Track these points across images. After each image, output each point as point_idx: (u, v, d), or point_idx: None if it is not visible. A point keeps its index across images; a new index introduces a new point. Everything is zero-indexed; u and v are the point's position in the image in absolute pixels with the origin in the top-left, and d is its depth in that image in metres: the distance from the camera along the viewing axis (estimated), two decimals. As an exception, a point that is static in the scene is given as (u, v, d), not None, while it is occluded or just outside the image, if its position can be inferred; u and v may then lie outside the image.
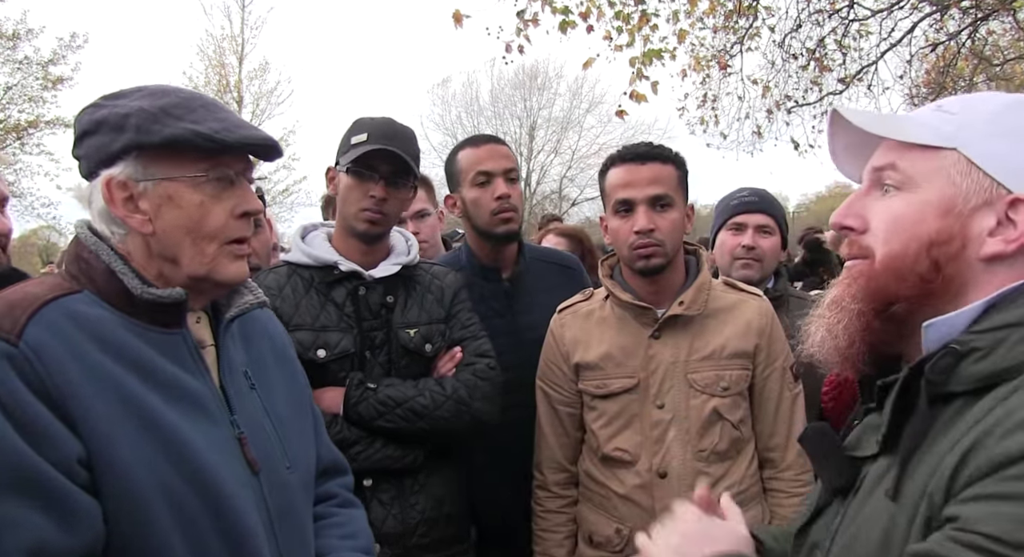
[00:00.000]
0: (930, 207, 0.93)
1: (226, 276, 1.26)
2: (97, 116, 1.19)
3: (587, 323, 2.09)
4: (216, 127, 1.20)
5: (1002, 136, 0.92)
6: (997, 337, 0.85)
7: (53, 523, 1.02)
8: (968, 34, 8.32)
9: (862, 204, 1.01)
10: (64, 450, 1.06)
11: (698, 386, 1.96)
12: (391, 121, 2.11)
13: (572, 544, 2.12)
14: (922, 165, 0.94)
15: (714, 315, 2.00)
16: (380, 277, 2.07)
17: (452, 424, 2.00)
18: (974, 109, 0.96)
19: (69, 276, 1.21)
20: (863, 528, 0.92)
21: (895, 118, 1.03)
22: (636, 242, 1.94)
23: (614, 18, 7.00)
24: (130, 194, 1.19)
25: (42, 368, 1.06)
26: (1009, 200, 0.90)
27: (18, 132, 18.23)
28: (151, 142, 1.16)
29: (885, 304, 0.96)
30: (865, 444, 1.00)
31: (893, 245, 0.95)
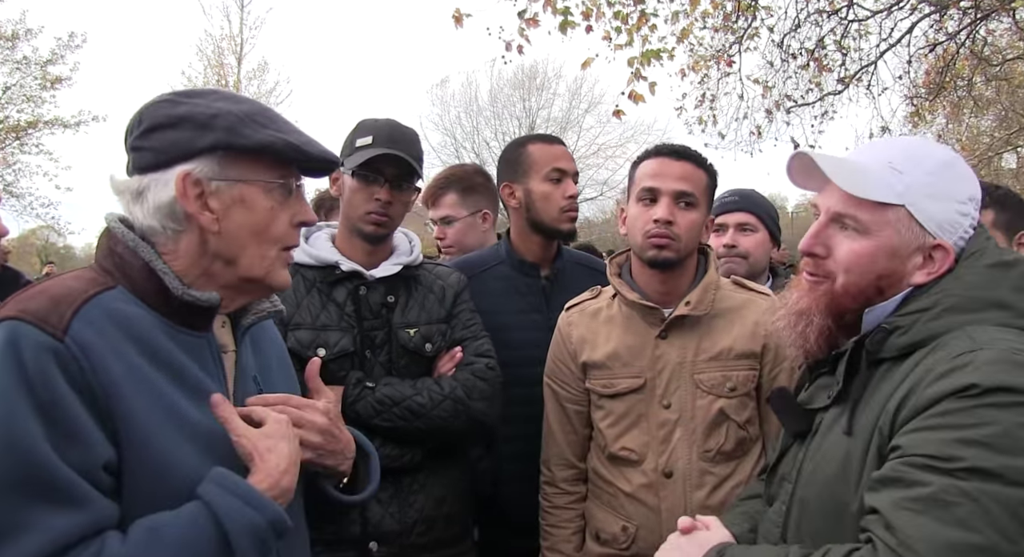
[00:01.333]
0: (881, 250, 1.27)
1: (278, 281, 1.30)
2: (178, 112, 1.20)
3: (594, 322, 2.10)
4: (302, 139, 1.26)
5: (935, 198, 1.26)
6: (913, 318, 1.23)
7: (70, 521, 1.03)
8: (967, 34, 8.32)
9: (825, 235, 1.33)
10: (91, 454, 1.06)
11: (704, 387, 1.96)
12: (395, 123, 2.12)
13: (580, 540, 2.12)
14: (877, 217, 1.27)
15: (722, 315, 2.00)
16: (381, 277, 2.07)
17: (449, 423, 2.00)
18: (917, 169, 1.27)
19: (102, 270, 1.21)
20: (824, 458, 1.27)
21: (855, 171, 1.30)
22: (653, 231, 1.94)
23: (613, 18, 6.99)
24: (201, 191, 1.20)
25: (87, 365, 1.06)
26: (933, 244, 1.26)
27: (17, 132, 18.23)
28: (241, 144, 1.19)
29: (841, 316, 1.34)
30: (817, 399, 1.37)
31: (852, 277, 1.30)
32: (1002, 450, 1.02)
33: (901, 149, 1.32)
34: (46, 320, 1.07)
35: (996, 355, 1.10)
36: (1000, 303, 1.21)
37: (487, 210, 2.98)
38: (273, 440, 1.20)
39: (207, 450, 1.16)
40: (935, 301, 1.23)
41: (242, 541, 1.10)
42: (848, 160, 1.36)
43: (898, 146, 1.35)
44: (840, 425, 1.25)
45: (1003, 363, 1.09)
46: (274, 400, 1.31)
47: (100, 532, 1.06)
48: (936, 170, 1.27)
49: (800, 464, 1.33)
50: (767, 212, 2.82)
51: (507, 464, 2.37)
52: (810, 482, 1.29)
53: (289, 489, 1.19)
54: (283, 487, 1.18)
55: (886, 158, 1.29)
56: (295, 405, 1.33)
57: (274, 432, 1.21)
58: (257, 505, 1.12)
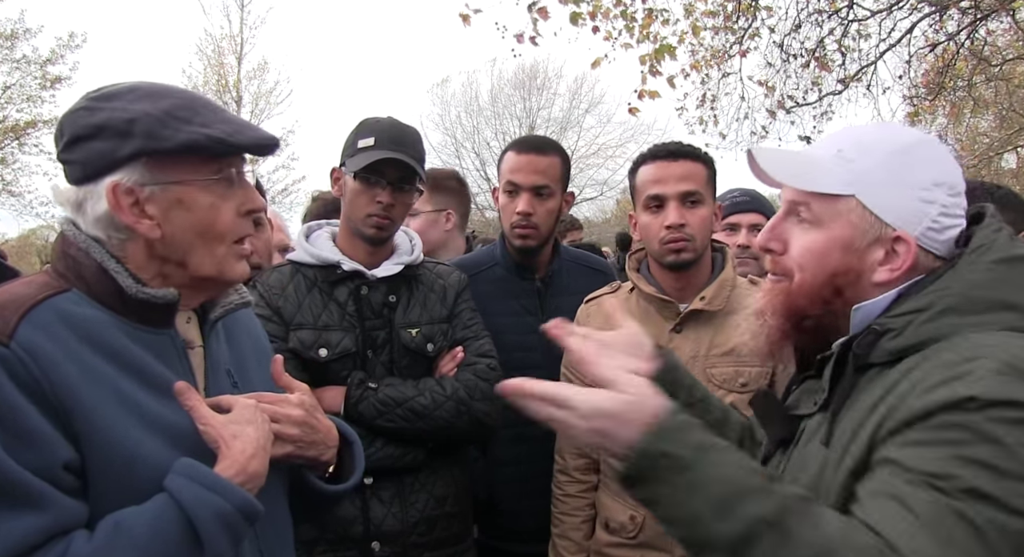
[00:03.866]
0: (834, 244, 1.16)
1: (233, 275, 1.27)
2: (95, 120, 1.16)
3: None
4: (227, 130, 1.19)
5: (890, 184, 1.14)
6: (906, 320, 1.09)
7: (29, 522, 1.01)
8: (967, 34, 8.33)
9: (782, 228, 1.24)
10: (48, 455, 1.04)
11: (716, 381, 1.98)
12: (396, 123, 2.11)
13: (590, 529, 2.15)
14: (828, 209, 1.17)
15: (737, 312, 2.02)
16: (382, 277, 2.07)
17: (452, 424, 2.00)
18: (868, 156, 1.16)
19: (56, 274, 1.19)
20: (802, 470, 1.16)
21: (801, 163, 1.22)
22: (667, 236, 1.97)
23: (619, 17, 6.98)
24: (136, 199, 1.17)
25: (36, 368, 1.04)
26: (893, 236, 1.14)
27: (16, 132, 18.22)
28: (164, 148, 1.15)
29: (798, 319, 1.21)
30: (803, 404, 1.25)
31: (807, 274, 1.19)
32: (1003, 473, 0.92)
33: (856, 136, 1.22)
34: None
35: (999, 364, 0.97)
36: (1008, 304, 1.07)
37: (451, 210, 2.99)
38: (239, 425, 1.18)
39: (175, 444, 1.15)
40: (931, 301, 1.09)
41: (209, 529, 1.08)
42: (798, 152, 1.29)
43: (854, 134, 1.24)
44: (820, 434, 1.14)
45: (1007, 374, 0.96)
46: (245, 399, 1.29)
47: (67, 532, 1.05)
48: (891, 155, 1.16)
49: (781, 475, 1.21)
50: (772, 212, 2.82)
51: (502, 467, 2.37)
52: None
53: (257, 474, 1.17)
54: (250, 472, 1.15)
55: (837, 146, 1.20)
56: (268, 401, 1.30)
57: (239, 417, 1.19)
58: (222, 491, 1.10)
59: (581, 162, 25.63)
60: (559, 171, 2.40)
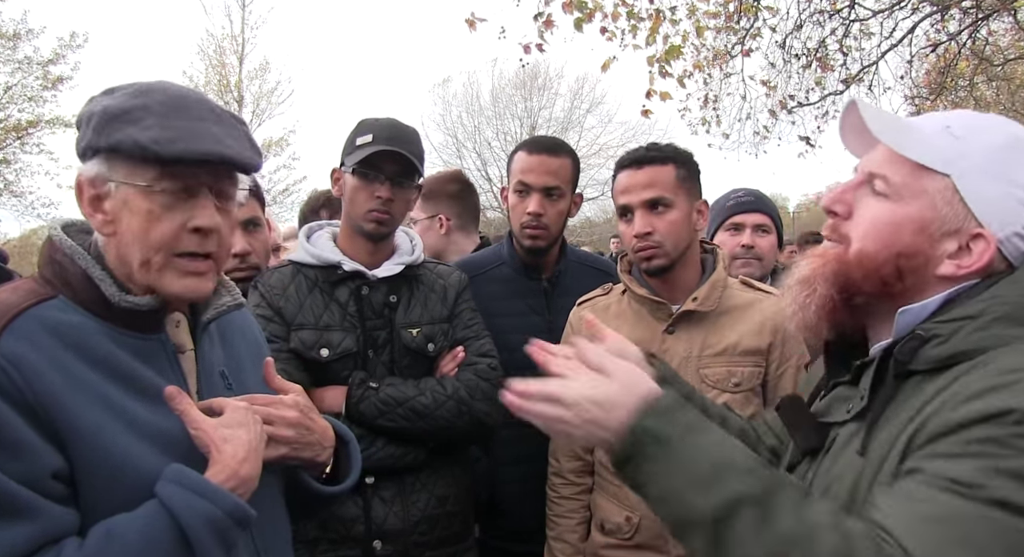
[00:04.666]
0: (909, 222, 1.06)
1: (172, 290, 1.19)
2: (83, 111, 1.19)
3: (604, 316, 2.12)
4: (156, 136, 1.11)
5: (992, 176, 1.03)
6: (954, 327, 1.01)
7: (18, 533, 1.01)
8: (969, 34, 8.32)
9: (852, 195, 1.13)
10: (36, 464, 1.04)
11: (709, 381, 1.99)
12: (396, 122, 2.12)
13: (585, 530, 2.16)
14: (913, 182, 1.06)
15: (729, 312, 2.04)
16: (383, 277, 2.08)
17: (452, 424, 2.01)
18: (978, 138, 1.05)
19: (43, 280, 1.18)
20: (836, 481, 1.06)
21: (904, 127, 1.11)
22: (636, 245, 2.01)
23: (627, 17, 6.98)
24: (98, 193, 1.16)
25: (21, 379, 1.03)
26: (974, 233, 1.04)
27: (18, 132, 18.24)
28: (99, 145, 1.14)
29: (849, 294, 1.11)
30: (834, 411, 1.15)
31: (868, 244, 1.08)
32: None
33: (968, 118, 1.10)
34: None
35: None
36: None
37: (443, 216, 3.00)
38: (230, 429, 1.17)
39: (165, 450, 1.14)
40: (984, 308, 1.00)
41: (200, 534, 1.07)
42: (900, 117, 1.17)
43: (966, 114, 1.12)
44: (855, 444, 1.06)
45: None
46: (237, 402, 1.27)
47: (58, 540, 1.04)
48: (1003, 144, 1.05)
49: (809, 485, 1.14)
50: (776, 214, 2.83)
51: (504, 467, 2.38)
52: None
53: (249, 478, 1.15)
54: (242, 476, 1.14)
55: (946, 123, 1.08)
56: (261, 402, 1.28)
57: (231, 420, 1.18)
58: (212, 497, 1.09)
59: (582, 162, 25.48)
60: (570, 172, 2.42)
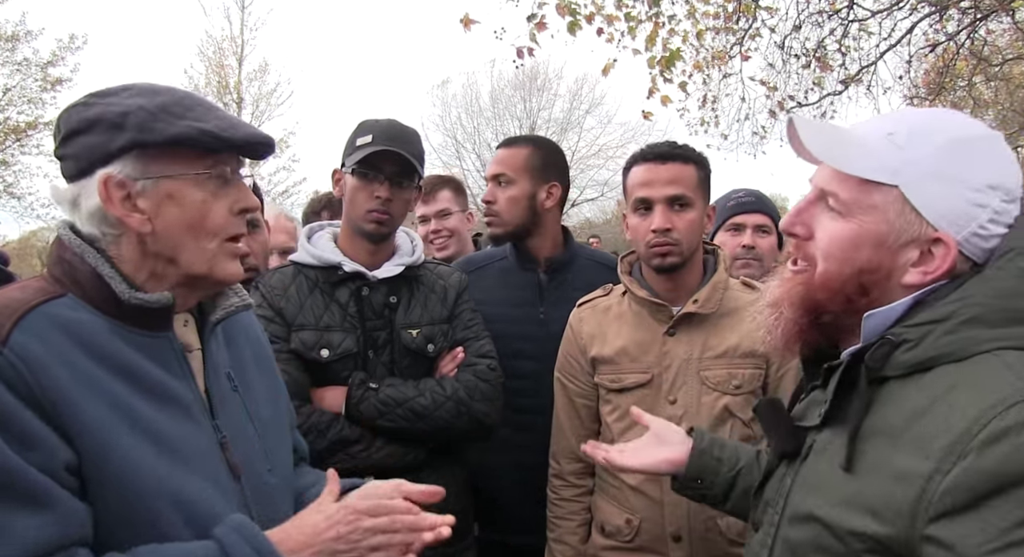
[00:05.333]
0: (865, 238, 1.05)
1: (225, 274, 1.25)
2: (89, 115, 1.16)
3: (605, 318, 2.13)
4: (220, 125, 1.19)
5: (940, 179, 1.02)
6: (924, 331, 1.00)
7: (40, 522, 1.01)
8: (967, 34, 8.33)
9: (809, 214, 1.13)
10: (51, 456, 1.04)
11: (710, 383, 1.99)
12: (395, 123, 2.12)
13: (585, 532, 2.15)
14: (862, 197, 1.05)
15: (730, 314, 2.03)
16: (383, 277, 2.08)
17: (452, 424, 2.01)
18: (921, 144, 1.04)
19: (52, 279, 1.18)
20: (816, 492, 1.06)
21: (845, 142, 1.10)
22: (653, 240, 1.98)
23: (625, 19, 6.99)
24: (128, 193, 1.16)
25: (30, 375, 1.04)
26: (932, 237, 1.03)
27: (17, 133, 18.23)
28: (155, 141, 1.15)
29: (816, 314, 1.12)
30: (810, 416, 1.16)
31: (831, 265, 1.08)
32: None
33: (911, 121, 1.08)
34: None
35: None
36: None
37: (471, 212, 3.22)
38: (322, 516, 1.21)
39: (169, 451, 1.14)
40: (953, 310, 0.98)
41: None
42: (843, 128, 1.15)
43: (909, 118, 1.09)
44: (835, 454, 1.04)
45: None
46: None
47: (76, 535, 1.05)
48: (947, 146, 1.03)
49: (787, 492, 1.14)
50: (777, 214, 2.81)
51: (494, 455, 2.37)
52: (797, 518, 1.10)
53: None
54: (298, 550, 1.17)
55: (888, 129, 1.07)
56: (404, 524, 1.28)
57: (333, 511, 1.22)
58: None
59: (582, 163, 25.63)
60: (522, 161, 2.45)
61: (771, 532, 1.16)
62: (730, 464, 1.53)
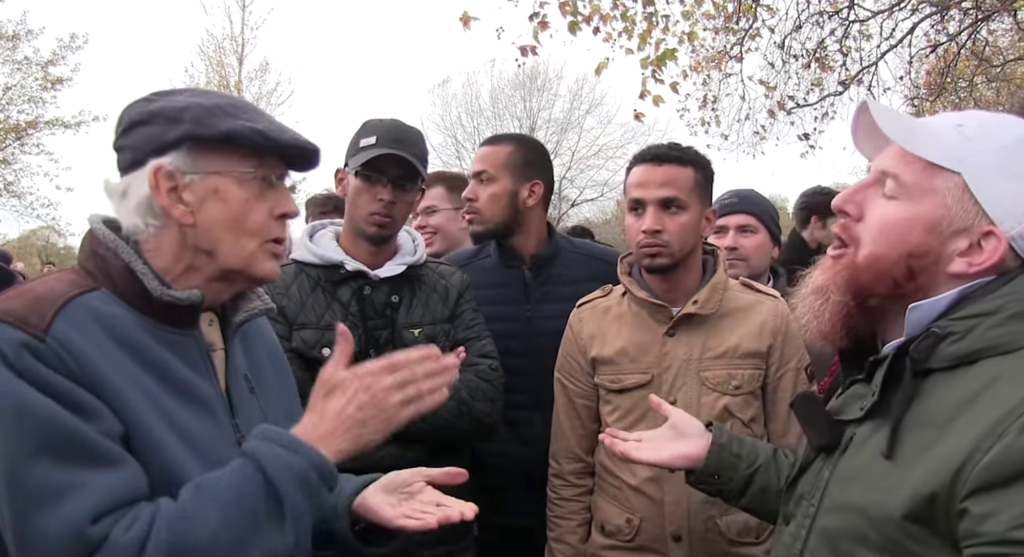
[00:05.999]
0: (919, 221, 1.06)
1: (261, 272, 1.28)
2: (150, 108, 1.22)
3: (604, 319, 2.13)
4: (270, 127, 1.24)
5: (1004, 173, 1.04)
6: (970, 324, 1.01)
7: (114, 478, 1.05)
8: (968, 35, 8.33)
9: (864, 195, 1.14)
10: (107, 423, 1.08)
11: (710, 384, 1.99)
12: (399, 123, 2.12)
13: (585, 532, 2.16)
14: (924, 181, 1.07)
15: (729, 315, 2.04)
16: (385, 277, 2.08)
17: (453, 424, 2.01)
18: (990, 136, 1.06)
19: (84, 272, 1.21)
20: (856, 483, 1.07)
21: (915, 126, 1.12)
22: (643, 241, 1.99)
23: (621, 19, 6.99)
24: (175, 185, 1.20)
25: (72, 361, 1.07)
26: (985, 230, 1.04)
27: (17, 132, 18.25)
28: (208, 135, 1.19)
29: (863, 298, 1.12)
30: (849, 409, 1.17)
31: (879, 246, 1.09)
32: None
33: (981, 117, 1.11)
34: (27, 320, 1.08)
35: None
36: None
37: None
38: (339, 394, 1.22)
39: (193, 447, 1.17)
40: (1002, 304, 1.00)
41: (287, 486, 1.12)
42: (911, 117, 1.18)
43: (979, 115, 1.13)
44: (877, 445, 1.06)
45: None
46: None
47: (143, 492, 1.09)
48: (1014, 144, 1.05)
49: (825, 485, 1.15)
50: (766, 212, 2.81)
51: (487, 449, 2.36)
52: (835, 508, 1.11)
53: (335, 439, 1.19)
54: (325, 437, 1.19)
55: (958, 121, 1.09)
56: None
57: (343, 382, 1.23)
58: (297, 449, 1.15)
59: (582, 163, 25.65)
60: (503, 158, 2.44)
61: (806, 524, 1.17)
62: (749, 461, 1.53)
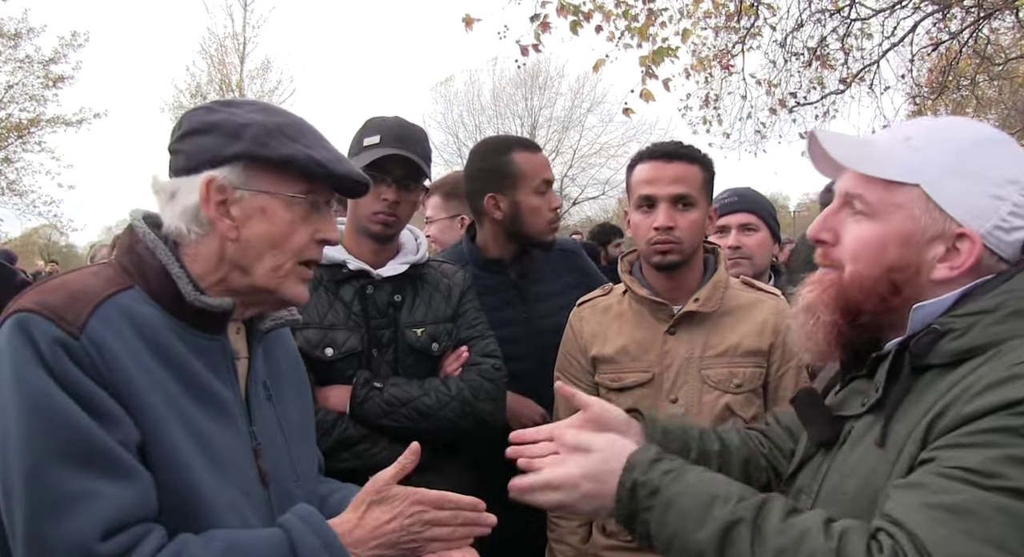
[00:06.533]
0: (892, 237, 1.10)
1: (291, 294, 1.29)
2: (212, 119, 1.23)
3: (605, 317, 2.13)
4: (327, 156, 1.26)
5: (960, 176, 1.08)
6: (971, 321, 1.04)
7: (127, 493, 1.06)
8: (970, 33, 8.32)
9: (835, 220, 1.18)
10: (129, 434, 1.09)
11: (711, 382, 1.99)
12: (402, 122, 2.12)
13: (586, 532, 2.15)
14: (887, 198, 1.10)
15: (731, 313, 2.03)
16: (388, 276, 2.08)
17: (456, 424, 2.01)
18: (938, 143, 1.10)
19: (120, 269, 1.22)
20: (851, 473, 1.10)
21: (865, 148, 1.16)
22: (655, 238, 1.98)
23: (622, 17, 6.98)
24: (225, 199, 1.21)
25: (102, 362, 1.08)
26: (957, 233, 1.07)
27: (19, 130, 18.26)
28: (266, 155, 1.21)
29: (852, 315, 1.15)
30: (849, 405, 1.19)
31: (860, 265, 1.13)
32: None
33: (926, 127, 1.15)
34: (63, 317, 1.09)
35: None
36: None
37: (464, 216, 3.02)
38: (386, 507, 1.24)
39: (210, 452, 1.17)
40: (1000, 302, 1.04)
41: None
42: (861, 137, 1.21)
43: (925, 124, 1.17)
44: (872, 436, 1.09)
45: None
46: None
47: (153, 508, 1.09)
48: (964, 147, 1.09)
49: (823, 477, 1.18)
50: (766, 210, 2.82)
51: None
52: (832, 499, 1.14)
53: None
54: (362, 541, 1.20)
55: (905, 135, 1.14)
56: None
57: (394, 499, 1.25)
58: (334, 550, 1.15)
59: (583, 161, 25.65)
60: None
61: None
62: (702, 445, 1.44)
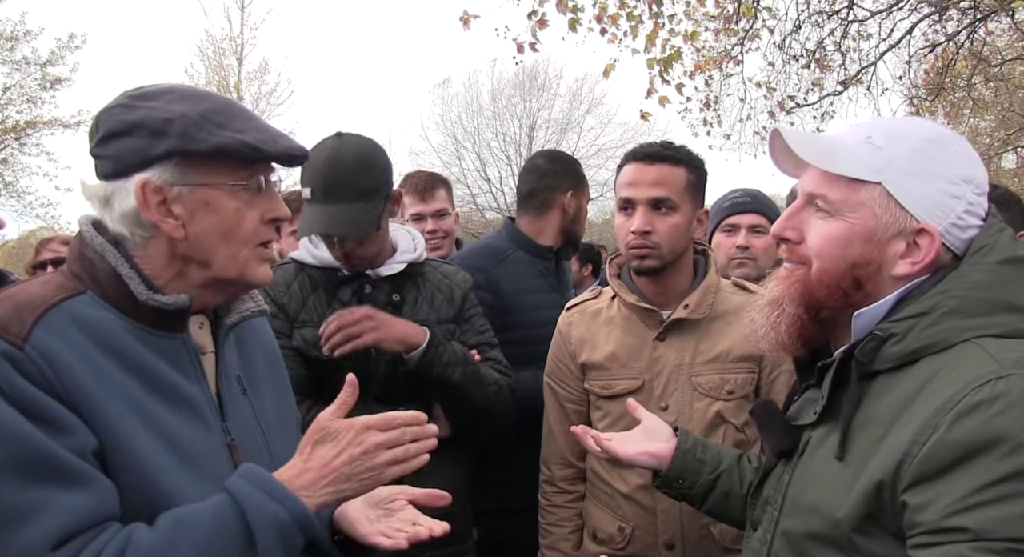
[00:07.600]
0: (855, 234, 1.13)
1: (255, 278, 1.27)
2: (131, 118, 1.17)
3: (594, 322, 2.09)
4: (260, 137, 1.21)
5: (919, 175, 1.11)
6: (909, 324, 1.08)
7: (80, 500, 1.04)
8: (967, 35, 8.32)
9: (799, 219, 1.21)
10: (82, 440, 1.06)
11: (702, 389, 1.96)
12: (333, 163, 1.93)
13: (578, 538, 2.13)
14: (850, 196, 1.13)
15: (721, 317, 1.99)
16: (386, 275, 2.08)
17: (493, 404, 2.09)
18: (898, 144, 1.13)
19: (72, 275, 1.19)
20: (811, 483, 1.14)
21: (829, 146, 1.18)
22: (632, 242, 1.95)
23: (627, 19, 6.98)
24: (164, 198, 1.17)
25: (50, 371, 1.06)
26: (917, 228, 1.11)
27: (16, 132, 18.22)
28: (197, 149, 1.16)
29: (816, 310, 1.18)
30: (804, 414, 1.23)
31: (824, 262, 1.16)
32: None
33: (886, 126, 1.19)
34: (7, 328, 1.06)
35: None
36: (1011, 306, 1.06)
37: (457, 213, 3.26)
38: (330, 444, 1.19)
39: (180, 452, 1.15)
40: (934, 304, 1.07)
41: (265, 534, 1.10)
42: (825, 136, 1.23)
43: (883, 123, 1.22)
44: (830, 447, 1.12)
45: None
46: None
47: (111, 511, 1.07)
48: (922, 146, 1.13)
49: (786, 488, 1.21)
50: (775, 213, 2.79)
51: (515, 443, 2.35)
52: (795, 510, 1.18)
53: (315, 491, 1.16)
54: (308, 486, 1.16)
55: (866, 134, 1.17)
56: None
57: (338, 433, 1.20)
58: (281, 499, 1.12)
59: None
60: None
61: (770, 528, 1.23)
62: (712, 466, 1.57)
